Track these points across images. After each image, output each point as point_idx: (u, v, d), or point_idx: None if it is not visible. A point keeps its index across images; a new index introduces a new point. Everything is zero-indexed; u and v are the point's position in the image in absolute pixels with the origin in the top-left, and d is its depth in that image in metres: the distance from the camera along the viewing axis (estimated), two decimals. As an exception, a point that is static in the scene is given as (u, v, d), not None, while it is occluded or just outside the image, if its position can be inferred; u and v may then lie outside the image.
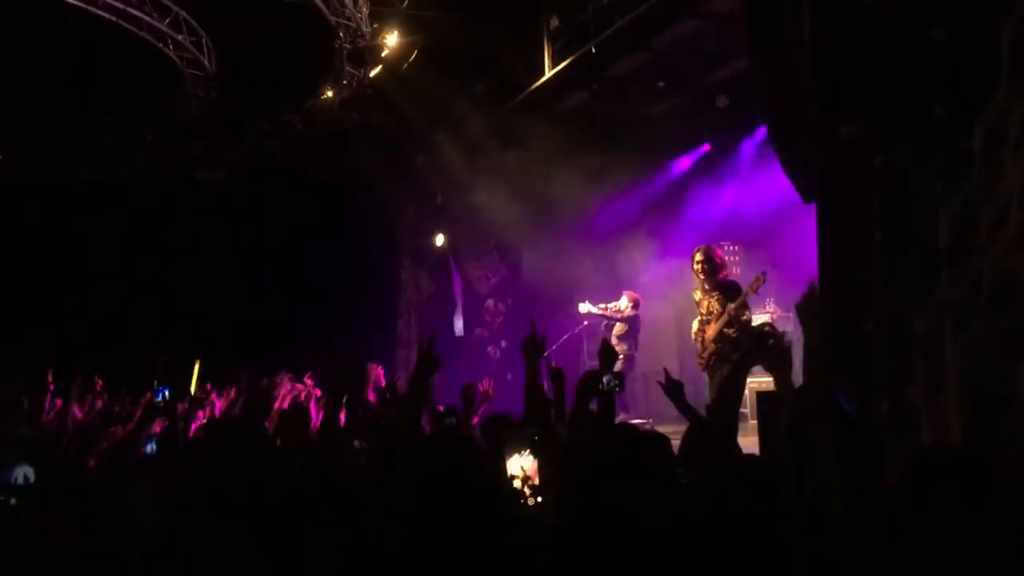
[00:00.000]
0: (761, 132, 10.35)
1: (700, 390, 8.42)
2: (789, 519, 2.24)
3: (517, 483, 3.11)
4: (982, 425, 3.47)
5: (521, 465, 3.32)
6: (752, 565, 2.24)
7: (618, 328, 10.86)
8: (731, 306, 7.52)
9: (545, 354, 3.94)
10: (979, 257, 3.58)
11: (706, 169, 11.85)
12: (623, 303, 11.02)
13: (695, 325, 7.89)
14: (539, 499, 3.02)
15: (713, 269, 7.71)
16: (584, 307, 11.18)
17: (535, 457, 3.13)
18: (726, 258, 8.38)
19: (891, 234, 4.18)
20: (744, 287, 7.66)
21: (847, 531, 2.01)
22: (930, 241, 3.87)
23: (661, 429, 4.36)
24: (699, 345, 7.78)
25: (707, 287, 7.74)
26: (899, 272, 4.11)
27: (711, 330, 7.64)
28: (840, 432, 2.21)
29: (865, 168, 4.34)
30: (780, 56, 5.32)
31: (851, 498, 2.03)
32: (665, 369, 4.37)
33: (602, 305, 11.09)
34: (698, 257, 7.77)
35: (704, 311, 7.75)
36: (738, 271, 10.15)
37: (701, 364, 7.79)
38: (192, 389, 7.47)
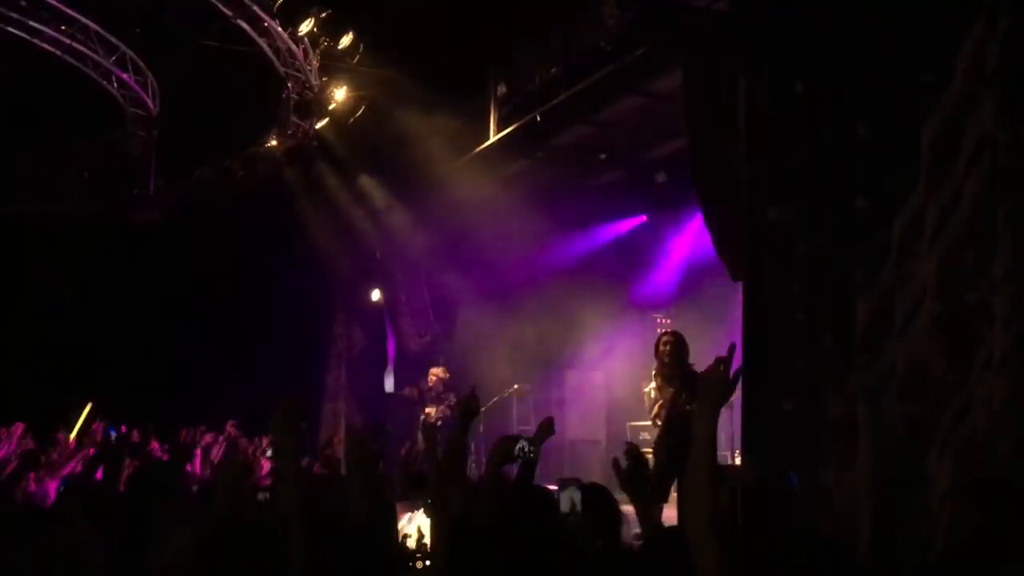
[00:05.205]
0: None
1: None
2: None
3: (412, 543, 3.06)
4: (890, 511, 3.55)
5: (419, 526, 3.27)
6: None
7: None
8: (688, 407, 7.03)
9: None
10: (893, 345, 3.71)
11: (643, 240, 12.06)
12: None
13: (653, 406, 7.35)
14: (427, 563, 2.97)
15: (682, 358, 7.17)
16: None
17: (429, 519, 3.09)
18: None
19: (812, 318, 4.31)
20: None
21: None
22: (848, 327, 4.00)
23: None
24: (654, 422, 7.46)
25: (668, 373, 7.20)
26: (818, 355, 4.23)
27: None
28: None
29: (790, 252, 4.48)
30: (715, 140, 5.51)
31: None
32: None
33: None
34: (670, 342, 7.27)
35: (665, 398, 7.17)
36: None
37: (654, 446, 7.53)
38: (75, 430, 7.16)
